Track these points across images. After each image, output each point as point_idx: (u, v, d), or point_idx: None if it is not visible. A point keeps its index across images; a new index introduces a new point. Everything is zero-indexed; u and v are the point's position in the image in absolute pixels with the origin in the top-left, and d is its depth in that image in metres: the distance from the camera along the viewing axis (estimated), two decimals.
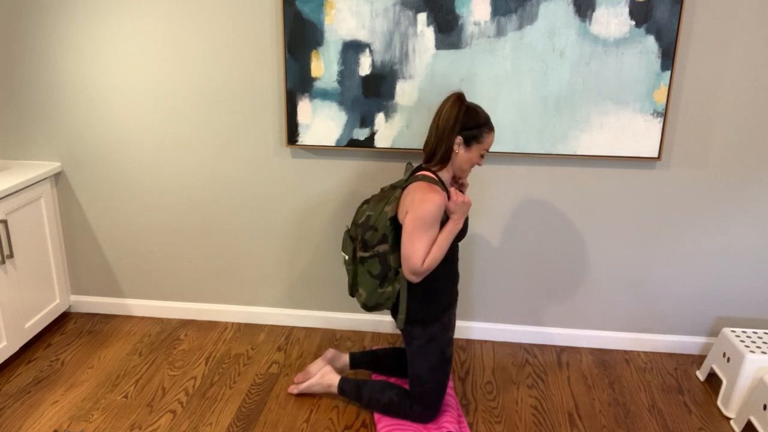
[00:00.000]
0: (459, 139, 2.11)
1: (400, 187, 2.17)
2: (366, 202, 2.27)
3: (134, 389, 2.53)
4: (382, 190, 2.29)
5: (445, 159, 2.14)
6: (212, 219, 2.90)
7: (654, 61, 2.42)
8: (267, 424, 2.35)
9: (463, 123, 2.10)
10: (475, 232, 2.78)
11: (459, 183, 2.28)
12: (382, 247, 2.16)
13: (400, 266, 2.18)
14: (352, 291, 2.29)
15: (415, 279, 2.12)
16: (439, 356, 2.25)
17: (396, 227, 2.15)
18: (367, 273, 2.20)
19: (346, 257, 2.26)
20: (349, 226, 2.32)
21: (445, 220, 2.13)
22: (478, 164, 2.18)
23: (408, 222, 2.07)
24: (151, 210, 2.91)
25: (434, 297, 2.22)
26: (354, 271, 2.25)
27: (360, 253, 2.21)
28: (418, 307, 2.21)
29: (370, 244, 2.17)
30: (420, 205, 2.05)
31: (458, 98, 2.11)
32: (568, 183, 2.67)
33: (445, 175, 2.18)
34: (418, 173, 2.15)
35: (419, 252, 2.07)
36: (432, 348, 2.24)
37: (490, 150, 2.57)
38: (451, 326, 2.29)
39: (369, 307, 2.25)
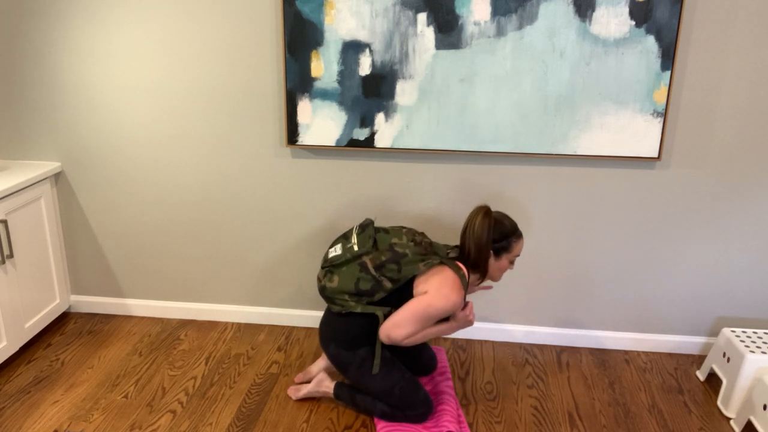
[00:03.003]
0: (489, 251, 2.22)
1: (440, 258, 2.22)
2: (412, 239, 2.27)
3: (134, 389, 2.53)
4: (423, 234, 2.34)
5: (483, 271, 2.27)
6: (212, 219, 2.90)
7: (654, 61, 2.42)
8: (267, 424, 2.35)
9: (492, 238, 2.22)
10: None
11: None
12: (387, 284, 2.20)
13: (381, 305, 2.23)
14: (327, 270, 2.29)
15: (386, 342, 2.21)
16: (382, 367, 2.28)
17: (408, 282, 2.22)
18: (356, 279, 2.22)
19: (355, 248, 2.25)
20: (377, 228, 2.34)
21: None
22: (510, 269, 2.31)
23: (420, 302, 2.16)
24: (151, 210, 2.91)
25: (373, 335, 2.29)
26: (347, 261, 2.25)
27: (367, 261, 2.22)
28: (357, 336, 2.26)
29: (383, 271, 2.20)
30: (440, 298, 2.14)
31: (486, 214, 2.20)
32: (568, 183, 2.67)
33: (473, 276, 2.30)
34: (458, 261, 2.23)
35: (409, 330, 2.17)
36: (369, 366, 2.28)
37: (491, 152, 2.58)
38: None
39: (324, 294, 2.29)
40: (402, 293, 2.22)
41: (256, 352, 2.80)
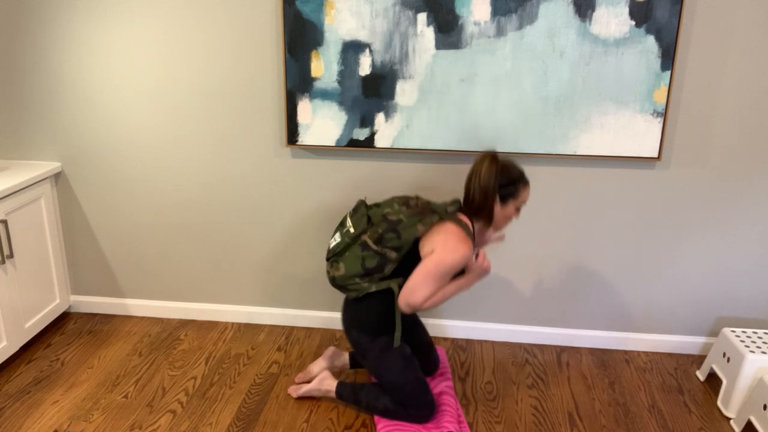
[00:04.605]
0: (495, 198, 2.16)
1: (439, 215, 2.18)
2: (404, 203, 2.25)
3: (134, 389, 2.53)
4: (417, 197, 2.30)
5: (487, 218, 2.19)
6: (212, 219, 2.90)
7: (654, 61, 2.42)
8: (267, 424, 2.35)
9: (499, 182, 2.15)
10: None
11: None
12: (391, 254, 2.18)
13: (394, 277, 2.21)
14: (332, 260, 2.28)
15: (407, 311, 2.18)
16: (400, 358, 2.27)
17: (413, 246, 2.18)
18: (360, 259, 2.20)
19: (351, 230, 2.24)
20: (369, 205, 2.31)
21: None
22: (516, 218, 2.22)
23: (430, 261, 2.11)
24: (151, 210, 2.91)
25: (394, 318, 2.27)
26: (347, 246, 2.24)
27: (366, 239, 2.20)
28: (377, 319, 2.25)
29: (383, 243, 2.18)
30: (448, 252, 2.09)
31: (493, 159, 2.14)
32: (568, 183, 2.67)
33: (478, 225, 2.24)
34: (459, 214, 2.19)
35: (426, 293, 2.12)
36: (388, 356, 2.27)
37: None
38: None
39: (336, 284, 2.27)
40: (410, 260, 2.19)
41: (256, 352, 2.80)
